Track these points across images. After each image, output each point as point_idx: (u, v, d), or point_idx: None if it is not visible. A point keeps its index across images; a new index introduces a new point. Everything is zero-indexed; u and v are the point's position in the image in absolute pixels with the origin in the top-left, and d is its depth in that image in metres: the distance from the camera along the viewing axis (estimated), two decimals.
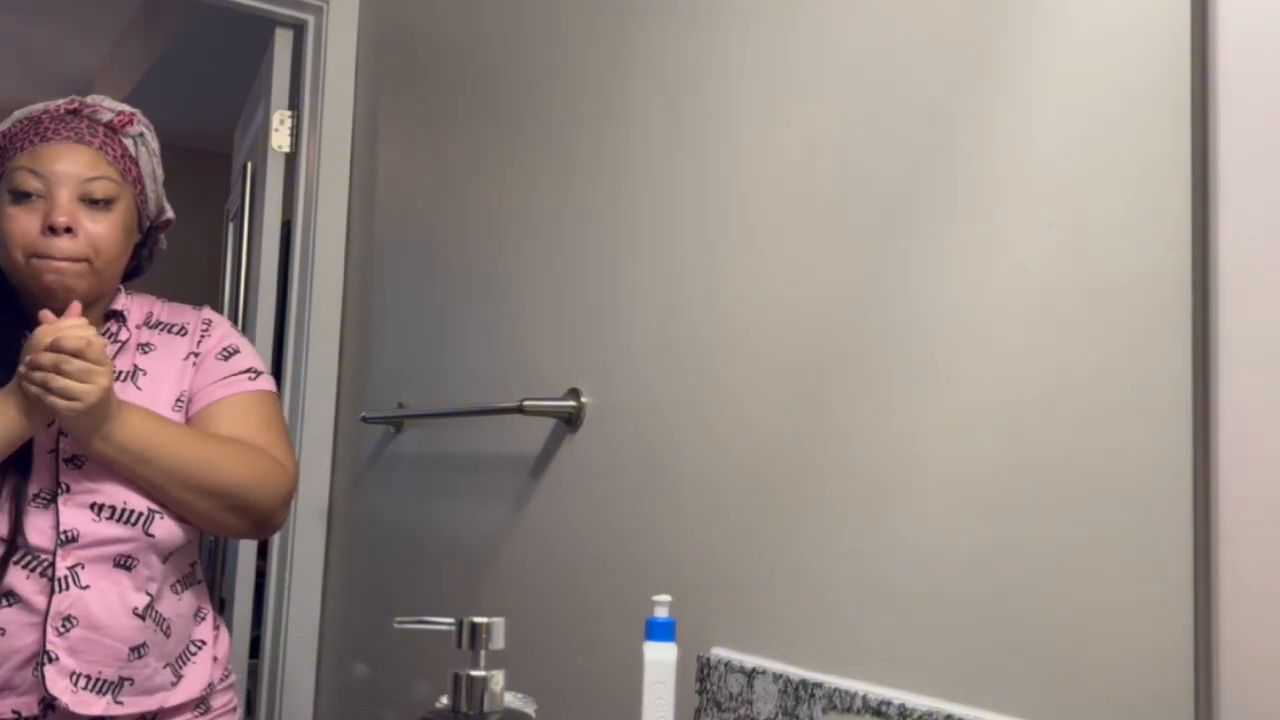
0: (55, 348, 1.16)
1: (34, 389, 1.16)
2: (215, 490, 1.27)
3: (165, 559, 1.29)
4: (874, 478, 1.04)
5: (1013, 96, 0.94)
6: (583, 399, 1.47)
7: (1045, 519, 0.88)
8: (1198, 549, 0.77)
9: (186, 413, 1.34)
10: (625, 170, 1.43)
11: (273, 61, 2.35)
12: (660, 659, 1.04)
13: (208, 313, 1.43)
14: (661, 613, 1.04)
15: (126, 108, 1.35)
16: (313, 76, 2.30)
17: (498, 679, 0.85)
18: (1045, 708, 0.87)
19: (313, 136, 2.28)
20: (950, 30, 1.00)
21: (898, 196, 1.04)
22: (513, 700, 1.12)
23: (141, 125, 1.35)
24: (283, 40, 2.34)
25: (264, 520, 1.34)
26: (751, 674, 1.12)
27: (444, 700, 0.87)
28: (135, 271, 1.42)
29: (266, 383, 1.40)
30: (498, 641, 0.85)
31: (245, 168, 2.49)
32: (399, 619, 0.92)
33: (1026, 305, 0.91)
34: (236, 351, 1.39)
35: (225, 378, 1.36)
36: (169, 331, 1.38)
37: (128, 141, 1.33)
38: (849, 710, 1.00)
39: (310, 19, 2.32)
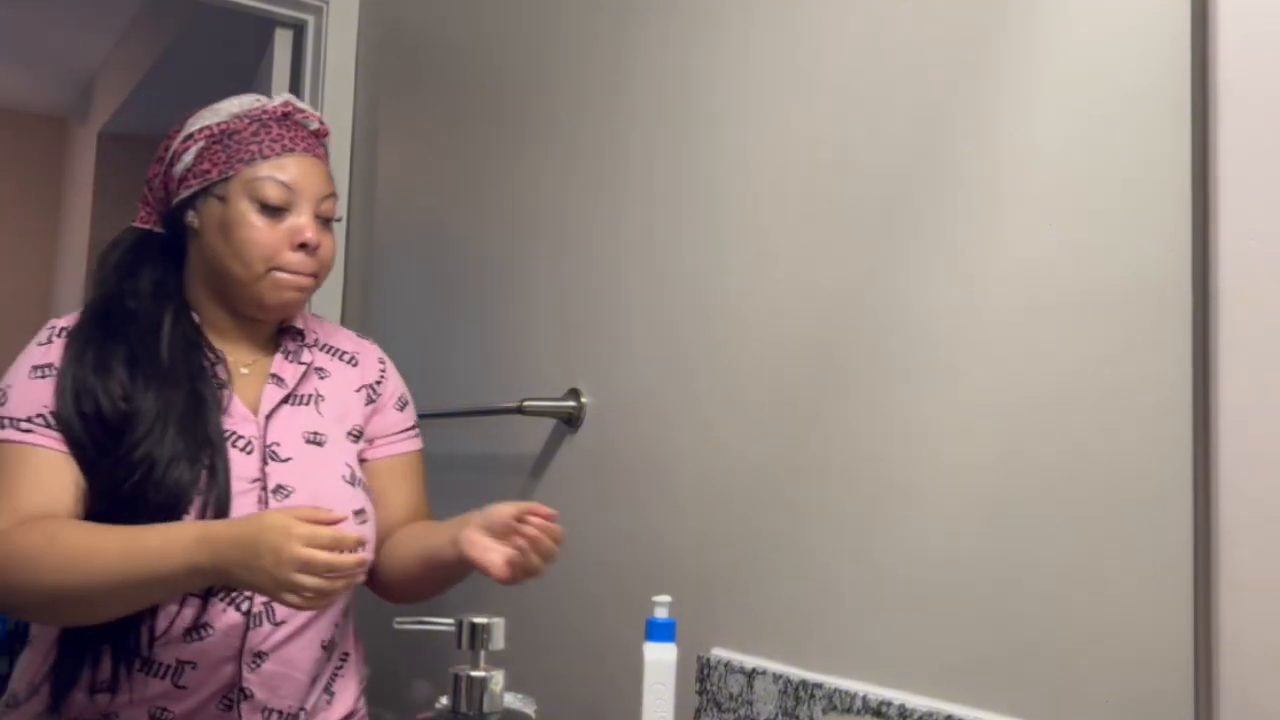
0: (332, 547, 1.04)
1: (294, 580, 1.02)
2: (432, 563, 1.26)
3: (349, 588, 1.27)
4: (874, 478, 1.04)
5: (1013, 96, 0.94)
6: (583, 399, 1.47)
7: (1045, 519, 0.88)
8: (1198, 548, 0.77)
9: (360, 449, 1.31)
10: (625, 170, 1.43)
11: (273, 61, 2.35)
12: (660, 659, 1.03)
13: (378, 350, 1.40)
14: (662, 613, 1.04)
15: (320, 115, 1.33)
16: (312, 76, 2.30)
17: (498, 679, 0.85)
18: (1045, 708, 0.87)
19: None
20: (950, 30, 1.00)
21: (898, 196, 1.04)
22: (513, 700, 1.12)
23: (329, 135, 1.34)
24: (282, 40, 2.34)
25: (442, 589, 1.33)
26: (752, 674, 1.11)
27: (444, 700, 0.86)
28: None
29: (421, 438, 1.39)
30: (498, 642, 0.85)
31: None
32: (399, 619, 0.92)
33: (1027, 305, 0.91)
34: (408, 404, 1.38)
35: (401, 432, 1.35)
36: (339, 358, 1.34)
37: (325, 151, 1.32)
38: (849, 711, 1.00)
39: (310, 19, 2.31)
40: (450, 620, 0.86)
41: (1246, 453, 0.75)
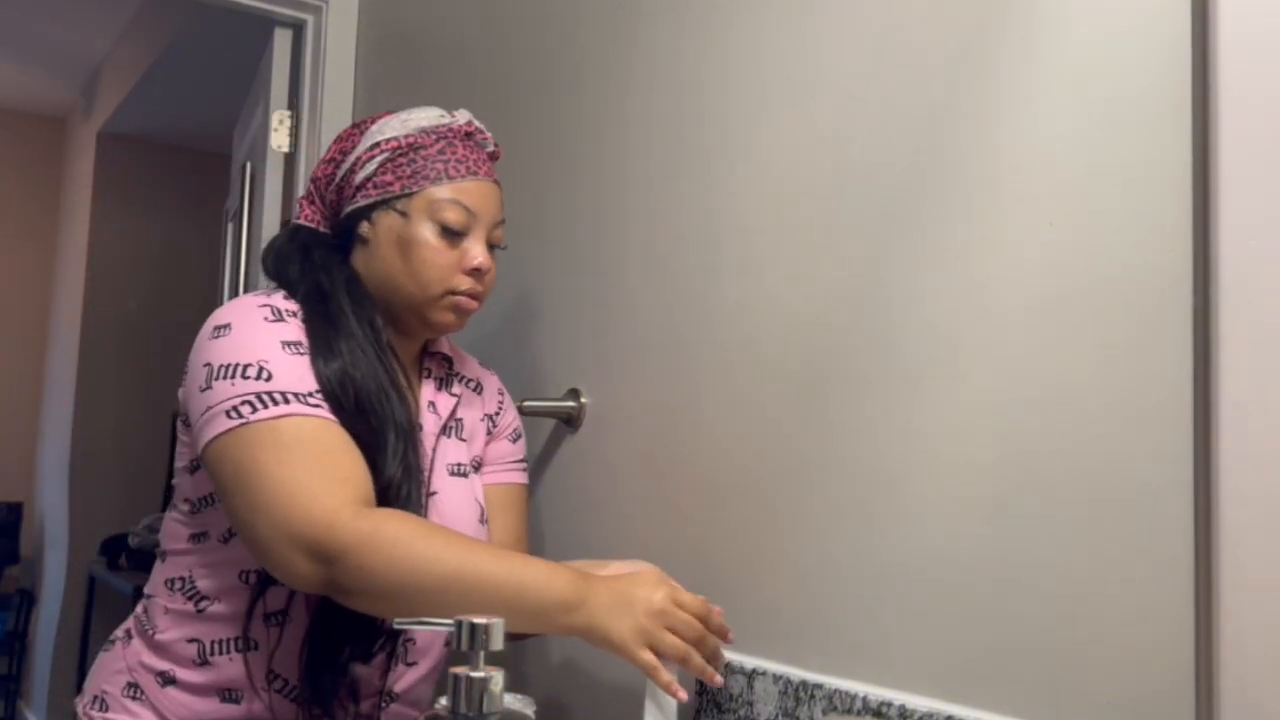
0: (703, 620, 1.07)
1: (657, 635, 1.03)
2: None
3: None
4: (874, 477, 1.04)
5: (1014, 96, 0.94)
6: (583, 399, 1.47)
7: (1045, 519, 0.88)
8: (1198, 548, 0.77)
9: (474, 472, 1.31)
10: (626, 170, 1.43)
11: (272, 61, 2.35)
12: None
13: (497, 379, 1.40)
14: None
15: (494, 137, 1.32)
16: (312, 76, 2.30)
17: (497, 680, 0.85)
18: (1045, 708, 0.87)
19: (312, 136, 2.28)
20: (951, 30, 1.00)
21: (898, 196, 1.04)
22: (512, 701, 1.12)
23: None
24: (282, 40, 2.34)
25: None
26: (752, 675, 1.11)
27: (443, 701, 0.86)
28: None
29: (527, 474, 1.39)
30: (497, 642, 0.85)
31: (244, 168, 2.49)
32: (399, 620, 0.92)
33: (1027, 305, 0.91)
34: (521, 436, 1.38)
35: (514, 462, 1.36)
36: (469, 386, 1.35)
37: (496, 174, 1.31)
38: (849, 711, 1.00)
39: (309, 19, 2.31)
40: (450, 621, 0.86)
41: (1247, 453, 0.75)
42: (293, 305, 1.18)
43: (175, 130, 4.71)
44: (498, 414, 1.37)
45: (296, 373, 1.10)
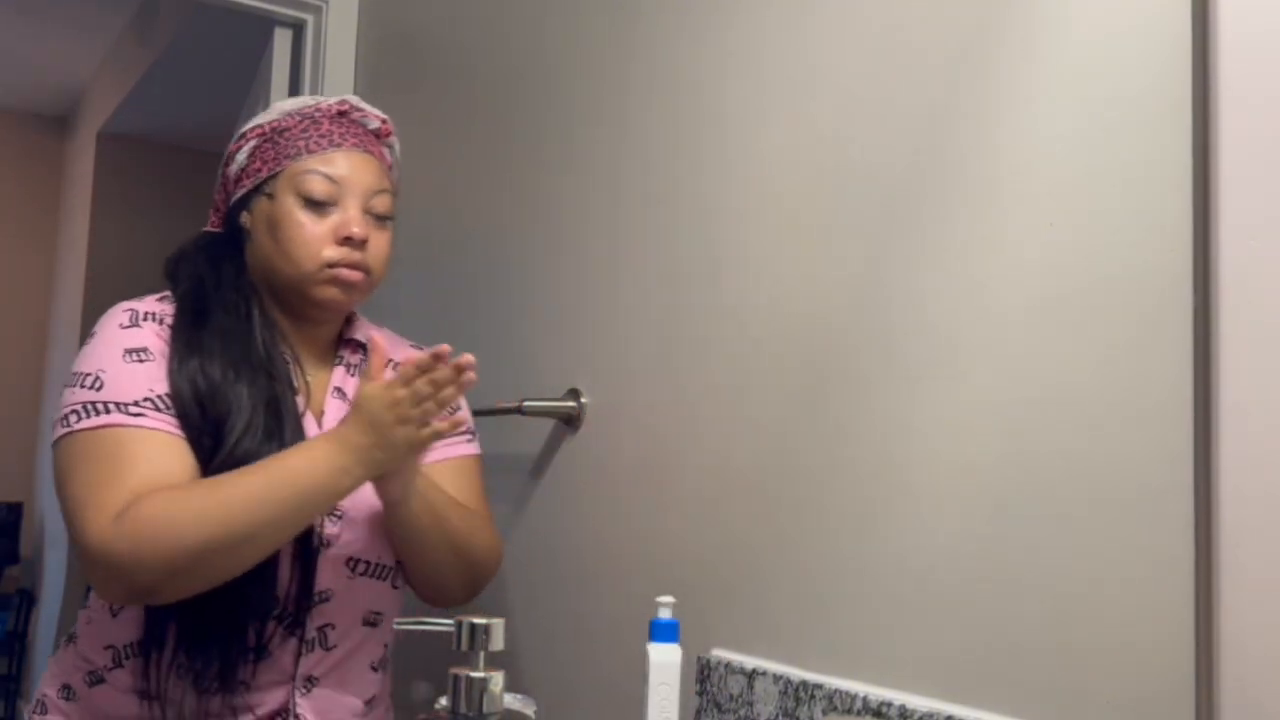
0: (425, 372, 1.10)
1: (415, 417, 1.09)
2: (464, 549, 1.22)
3: (399, 608, 1.28)
4: (874, 478, 1.03)
5: (1014, 96, 0.94)
6: (583, 399, 1.46)
7: (1046, 519, 0.88)
8: (1198, 548, 0.77)
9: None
10: (625, 169, 1.43)
11: (272, 61, 2.35)
12: (665, 660, 1.04)
13: None
14: (665, 614, 1.04)
15: (383, 114, 1.31)
16: (312, 76, 2.30)
17: (497, 680, 0.85)
18: (1045, 708, 0.87)
19: None
20: (951, 30, 1.00)
21: (898, 196, 1.04)
22: (512, 701, 1.12)
23: (394, 134, 1.32)
24: (282, 40, 2.34)
25: (479, 589, 1.29)
26: (752, 675, 1.11)
27: (443, 701, 0.86)
28: None
29: (478, 445, 1.36)
30: (497, 642, 0.85)
31: None
32: (399, 620, 0.92)
33: (1027, 305, 0.91)
34: (459, 407, 1.33)
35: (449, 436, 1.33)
36: (396, 369, 1.31)
37: (387, 150, 1.30)
38: (849, 711, 1.00)
39: (309, 19, 2.31)
40: (450, 621, 0.86)
41: (1247, 453, 0.75)
42: (161, 307, 1.20)
43: (175, 130, 4.71)
44: None
45: (129, 382, 1.12)
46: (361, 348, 1.31)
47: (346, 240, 1.20)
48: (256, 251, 1.24)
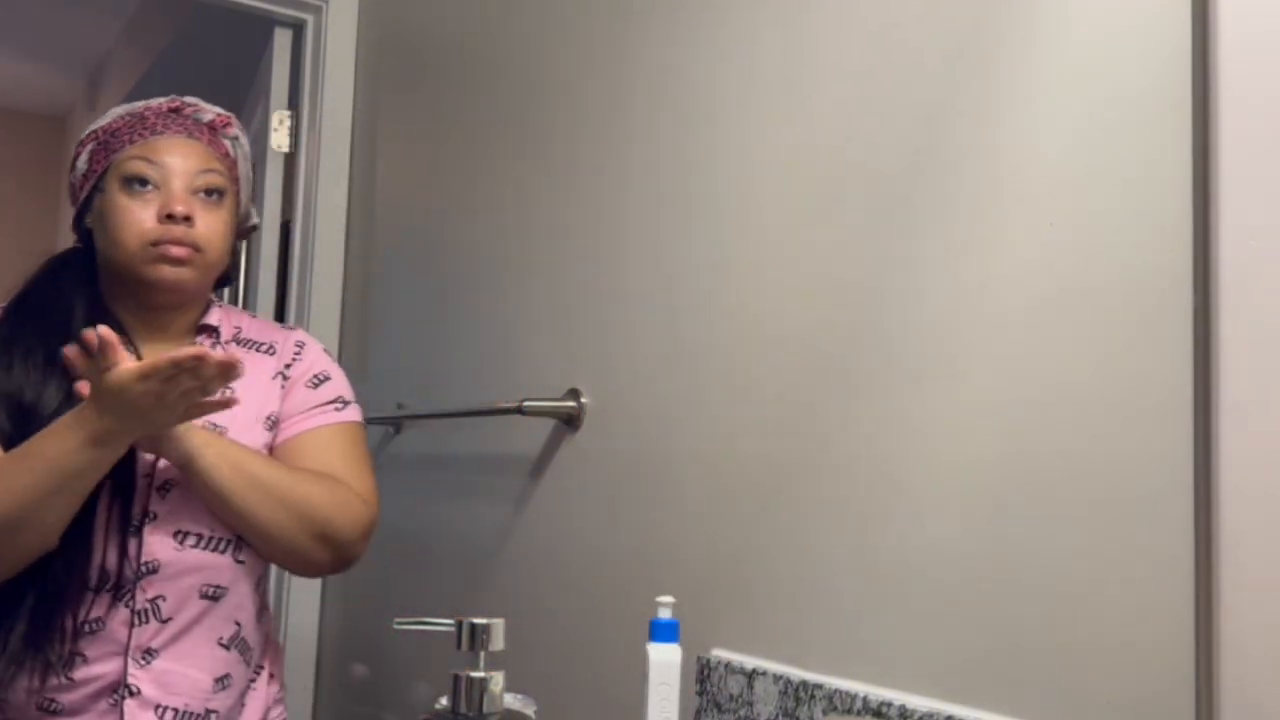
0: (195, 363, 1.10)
1: (171, 393, 1.10)
2: (302, 512, 1.22)
3: (255, 585, 1.27)
4: (874, 478, 1.03)
5: (1014, 96, 0.94)
6: (583, 399, 1.46)
7: (1046, 519, 0.88)
8: (1198, 548, 0.77)
9: (273, 436, 1.30)
10: (626, 169, 1.43)
11: (272, 61, 2.35)
12: (665, 660, 1.04)
13: (300, 334, 1.39)
14: (665, 613, 1.04)
15: (222, 110, 1.34)
16: (312, 76, 2.30)
17: (497, 680, 0.85)
18: (1045, 708, 0.87)
19: (312, 136, 2.28)
20: (951, 30, 1.00)
21: (899, 196, 1.04)
22: (512, 701, 1.12)
23: (237, 129, 1.34)
24: (282, 40, 2.34)
25: (344, 551, 1.27)
26: (752, 675, 1.11)
27: (444, 701, 0.87)
28: (223, 280, 1.39)
29: (354, 413, 1.35)
30: (497, 642, 0.85)
31: None
32: (399, 620, 0.92)
33: (1028, 305, 0.91)
34: (327, 379, 1.35)
35: (313, 407, 1.32)
36: (257, 350, 1.34)
37: (226, 143, 1.32)
38: (849, 711, 1.00)
39: (310, 18, 2.31)
40: (450, 621, 0.86)
41: (1247, 453, 0.75)
42: None
43: None
44: (290, 365, 1.34)
45: None
46: (215, 331, 1.33)
47: (169, 218, 1.22)
48: (100, 249, 1.28)
